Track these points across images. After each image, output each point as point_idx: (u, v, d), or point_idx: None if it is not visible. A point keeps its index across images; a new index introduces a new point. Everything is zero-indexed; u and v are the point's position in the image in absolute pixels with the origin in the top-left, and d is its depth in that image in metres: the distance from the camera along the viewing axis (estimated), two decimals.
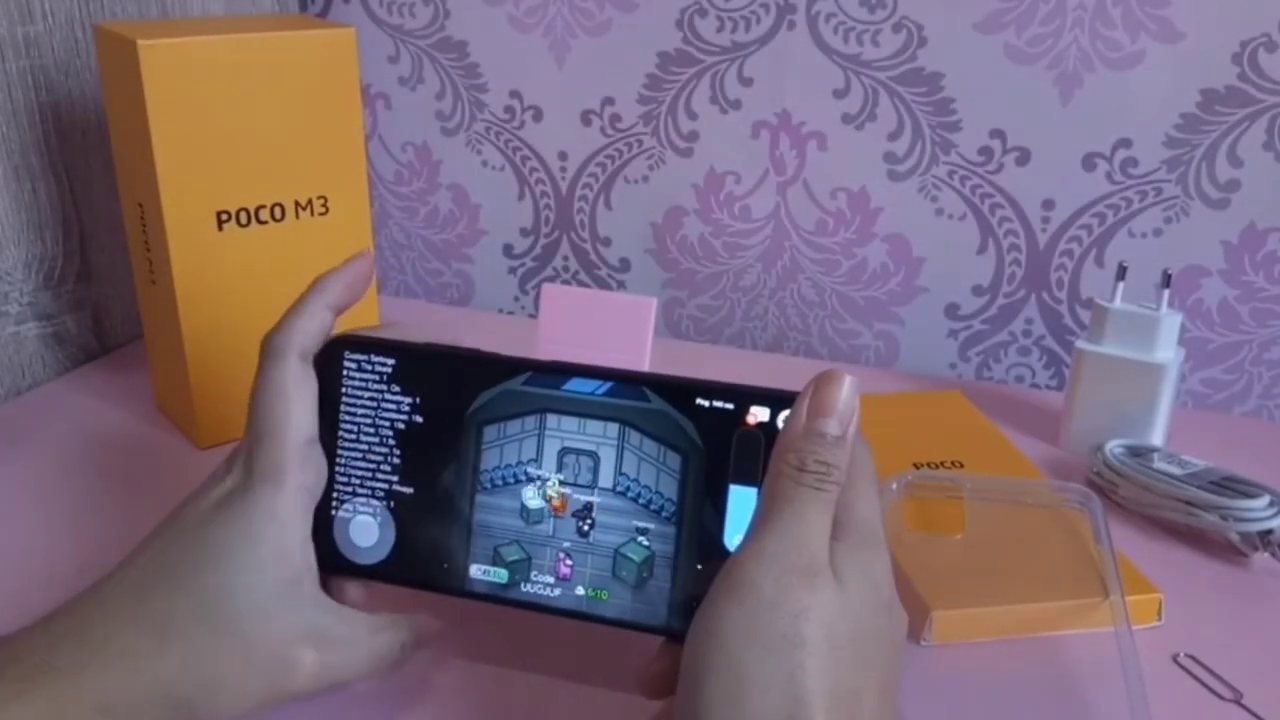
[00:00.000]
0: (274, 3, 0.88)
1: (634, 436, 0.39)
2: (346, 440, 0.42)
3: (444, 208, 0.94)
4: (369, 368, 0.42)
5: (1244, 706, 0.46)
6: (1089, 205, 0.78)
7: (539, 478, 0.40)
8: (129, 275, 0.77)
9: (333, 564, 0.42)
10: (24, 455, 0.63)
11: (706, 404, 0.39)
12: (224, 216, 0.61)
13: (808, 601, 0.33)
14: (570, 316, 0.55)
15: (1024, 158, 0.78)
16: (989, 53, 0.76)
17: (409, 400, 0.42)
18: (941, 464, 0.62)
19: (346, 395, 0.42)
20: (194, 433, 0.64)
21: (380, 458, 0.42)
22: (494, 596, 0.41)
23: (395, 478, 0.42)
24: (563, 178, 0.90)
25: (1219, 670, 0.48)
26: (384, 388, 0.42)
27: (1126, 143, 0.75)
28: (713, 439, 0.39)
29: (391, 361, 0.42)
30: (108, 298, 0.77)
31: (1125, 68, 0.74)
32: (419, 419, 0.42)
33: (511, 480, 0.41)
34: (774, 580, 0.33)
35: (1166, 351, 0.65)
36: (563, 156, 0.89)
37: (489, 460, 0.41)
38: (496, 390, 0.41)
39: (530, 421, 0.40)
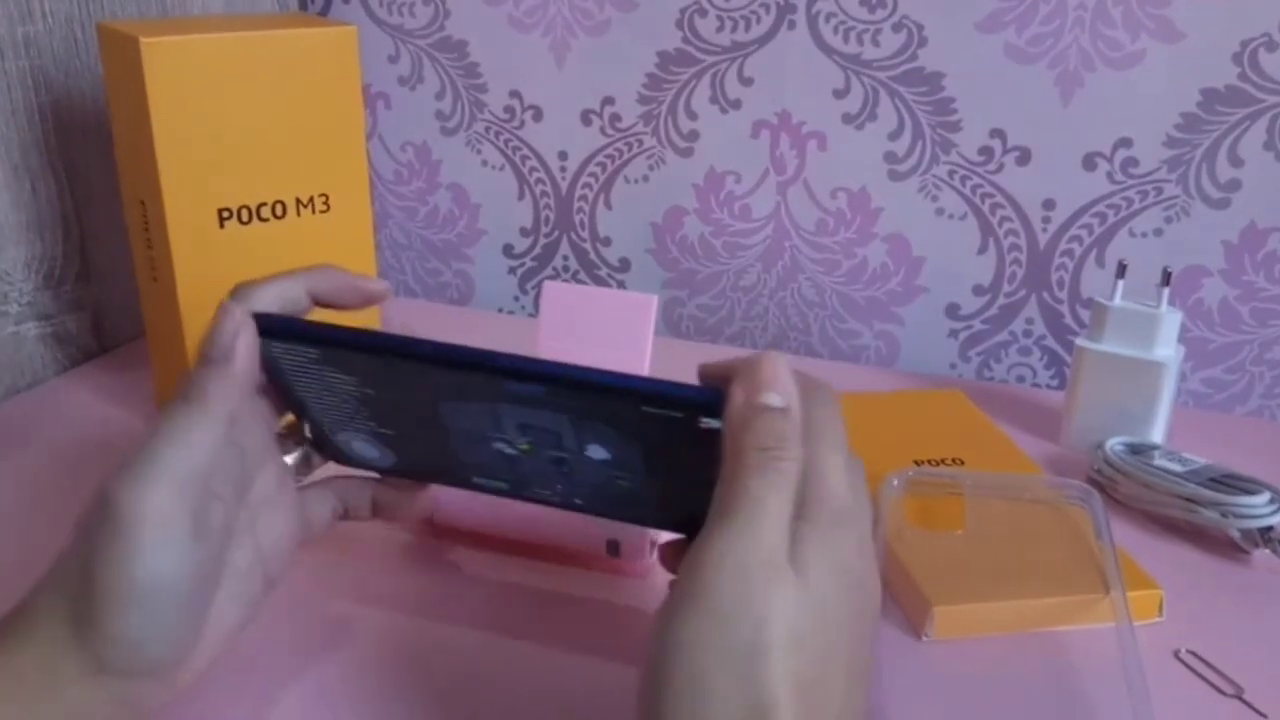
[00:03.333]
0: (274, 2, 0.88)
1: (587, 425, 0.38)
2: (314, 398, 0.42)
3: (444, 207, 0.94)
4: (296, 352, 0.40)
5: (1245, 702, 0.46)
6: (1089, 205, 0.78)
7: (507, 440, 0.40)
8: (128, 275, 0.77)
9: (353, 464, 0.46)
10: (24, 454, 0.63)
11: (652, 411, 0.36)
12: (225, 214, 0.61)
13: (769, 608, 0.31)
14: (571, 314, 0.55)
15: (1024, 157, 0.78)
16: (989, 52, 0.76)
17: (351, 379, 0.40)
18: (942, 461, 0.62)
19: (289, 372, 0.41)
20: None
21: (351, 410, 0.42)
22: (500, 493, 0.44)
23: (373, 423, 0.42)
24: (563, 177, 0.90)
25: (1220, 666, 0.48)
26: (320, 369, 0.40)
27: (1127, 142, 0.75)
28: (662, 440, 0.37)
29: (314, 351, 0.40)
30: (107, 298, 0.77)
31: (1126, 67, 0.74)
32: (369, 391, 0.40)
33: (480, 439, 0.41)
34: (733, 585, 0.32)
35: (1167, 349, 0.65)
36: (563, 156, 0.89)
37: (455, 422, 0.40)
38: (442, 376, 0.39)
39: (482, 407, 0.39)
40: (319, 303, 0.43)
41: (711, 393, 0.36)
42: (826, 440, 0.35)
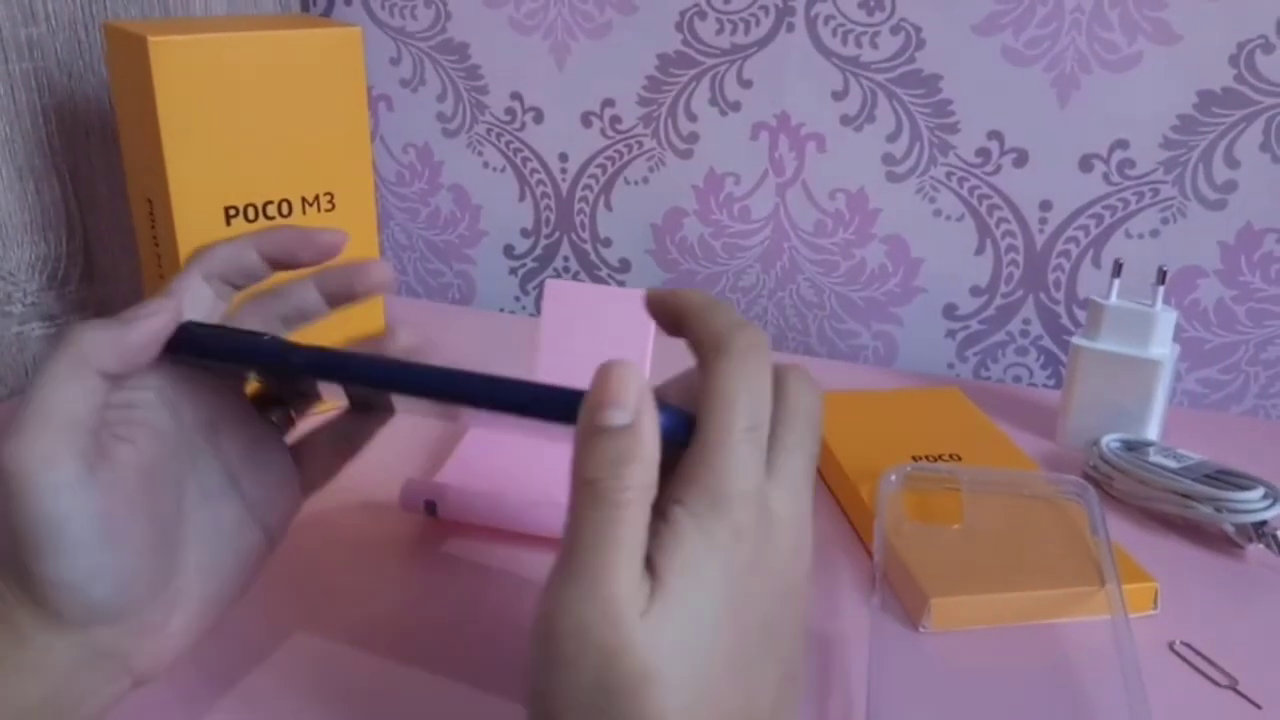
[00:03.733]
0: (276, 4, 0.89)
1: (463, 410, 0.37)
2: (258, 376, 0.42)
3: (445, 209, 0.95)
4: (207, 366, 0.39)
5: (1239, 692, 0.47)
6: (1086, 206, 0.78)
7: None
8: (132, 276, 0.78)
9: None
10: None
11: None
12: (232, 212, 0.62)
13: (618, 646, 0.28)
14: (573, 311, 0.56)
15: (1022, 159, 0.78)
16: (987, 55, 0.76)
17: (267, 378, 0.42)
18: (940, 458, 0.62)
19: (216, 364, 0.39)
20: None
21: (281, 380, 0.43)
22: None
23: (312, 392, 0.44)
24: (563, 179, 0.90)
25: (1214, 657, 0.49)
26: (237, 367, 0.40)
27: (1124, 144, 0.76)
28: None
29: (221, 365, 0.39)
30: (111, 298, 0.77)
31: (1122, 69, 0.74)
32: (291, 380, 0.42)
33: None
34: (573, 641, 0.28)
35: (1162, 347, 0.65)
36: (563, 158, 0.90)
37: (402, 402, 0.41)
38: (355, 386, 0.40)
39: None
40: (275, 264, 0.41)
41: (568, 393, 0.32)
42: (737, 411, 0.31)
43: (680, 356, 0.36)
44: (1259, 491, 0.56)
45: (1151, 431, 0.66)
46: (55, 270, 0.72)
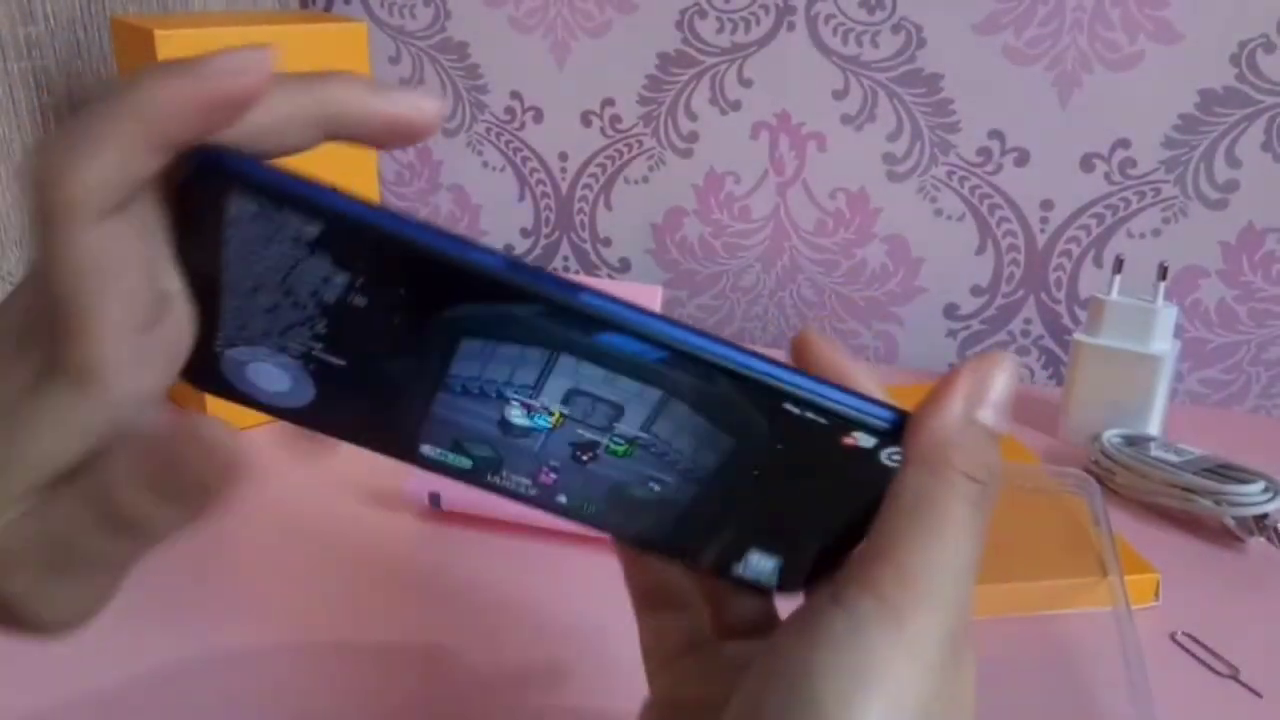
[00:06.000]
0: (274, 1, 0.89)
1: (679, 408, 0.29)
2: (238, 286, 0.27)
3: (445, 208, 0.94)
4: (275, 222, 0.26)
5: (1240, 682, 0.47)
6: (1087, 206, 0.78)
7: (534, 405, 0.29)
8: None
9: (224, 394, 0.29)
10: None
11: (795, 411, 0.29)
12: None
13: (959, 679, 0.26)
14: None
15: (1023, 158, 0.78)
16: (988, 54, 0.76)
17: (343, 277, 0.27)
18: None
19: (234, 246, 0.27)
20: None
21: (295, 320, 0.28)
22: (448, 474, 0.31)
23: (318, 344, 0.28)
24: (563, 178, 0.90)
25: (1216, 648, 0.49)
26: (302, 253, 0.26)
27: (1125, 143, 0.76)
28: (787, 444, 0.29)
29: (315, 230, 0.26)
30: None
31: (1124, 69, 0.74)
32: (359, 300, 0.27)
33: (493, 395, 0.29)
34: (946, 642, 0.25)
35: (1163, 343, 0.65)
36: (563, 157, 0.89)
37: (464, 368, 0.29)
38: (491, 309, 0.27)
39: (536, 354, 0.28)
40: (333, 135, 0.28)
41: (890, 410, 0.29)
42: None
43: None
44: (1260, 485, 0.57)
45: (1153, 427, 0.66)
46: None
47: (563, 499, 0.31)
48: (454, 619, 0.49)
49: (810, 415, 0.29)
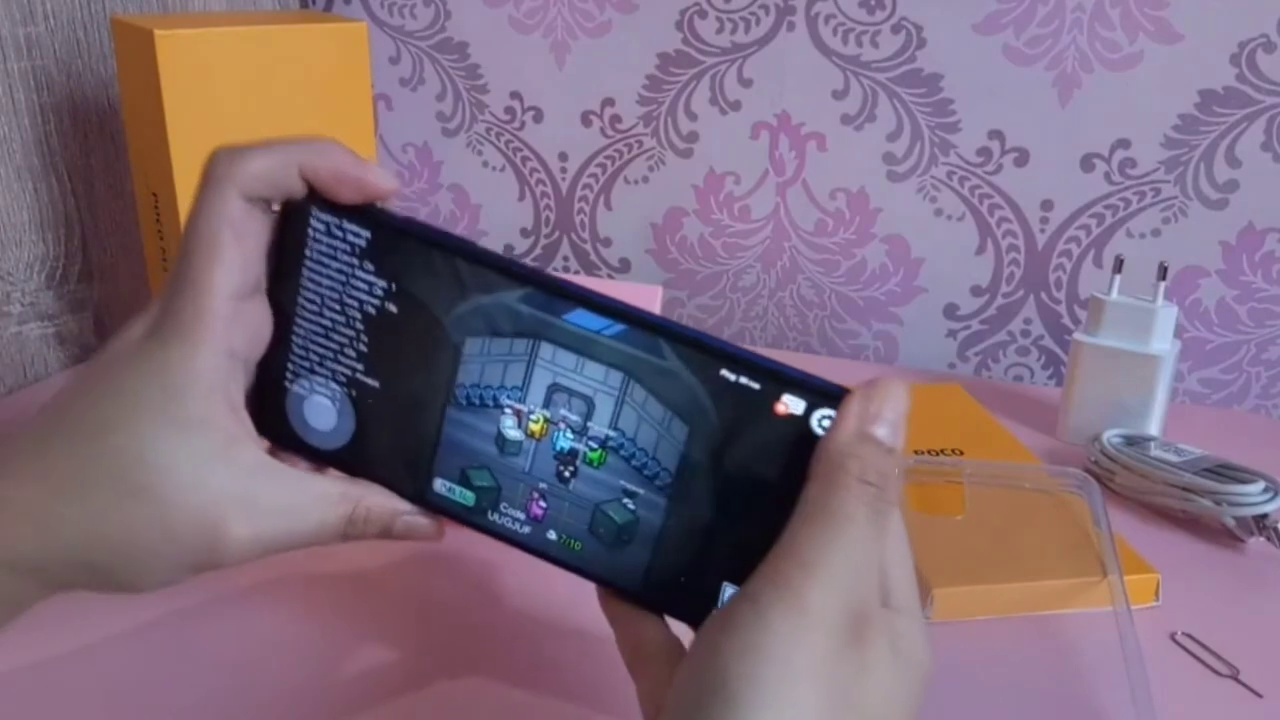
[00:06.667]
0: (275, 1, 0.89)
1: (638, 392, 0.34)
2: (308, 311, 0.36)
3: (445, 208, 0.94)
4: (339, 234, 0.35)
5: (1240, 682, 0.47)
6: (1087, 206, 0.78)
7: (522, 410, 0.35)
8: (131, 275, 0.77)
9: (282, 438, 0.37)
10: None
11: (731, 377, 0.33)
12: None
13: (861, 659, 0.29)
14: None
15: (1023, 158, 0.78)
16: (988, 54, 0.76)
17: (382, 284, 0.35)
18: (941, 452, 0.62)
19: (311, 261, 0.36)
20: None
21: (345, 340, 0.36)
22: (456, 514, 0.37)
23: (359, 366, 0.36)
24: (563, 178, 0.90)
25: (1216, 648, 0.49)
26: (354, 262, 0.35)
27: (1125, 143, 0.76)
28: (730, 418, 0.33)
29: (366, 234, 0.35)
30: (109, 297, 0.77)
31: (1124, 68, 0.74)
32: (392, 308, 0.35)
33: (491, 403, 0.35)
34: (844, 617, 0.29)
35: (1163, 343, 0.65)
36: (563, 157, 0.89)
37: (468, 374, 0.35)
38: (488, 299, 0.34)
39: (521, 345, 0.35)
40: (313, 188, 0.35)
41: (811, 381, 0.33)
42: (899, 528, 0.33)
43: None
44: (1259, 485, 0.57)
45: (1153, 427, 0.66)
46: (54, 269, 0.72)
47: (552, 534, 0.36)
48: (454, 616, 0.49)
49: (744, 380, 0.33)
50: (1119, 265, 0.66)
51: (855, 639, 0.29)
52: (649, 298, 0.54)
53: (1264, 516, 0.56)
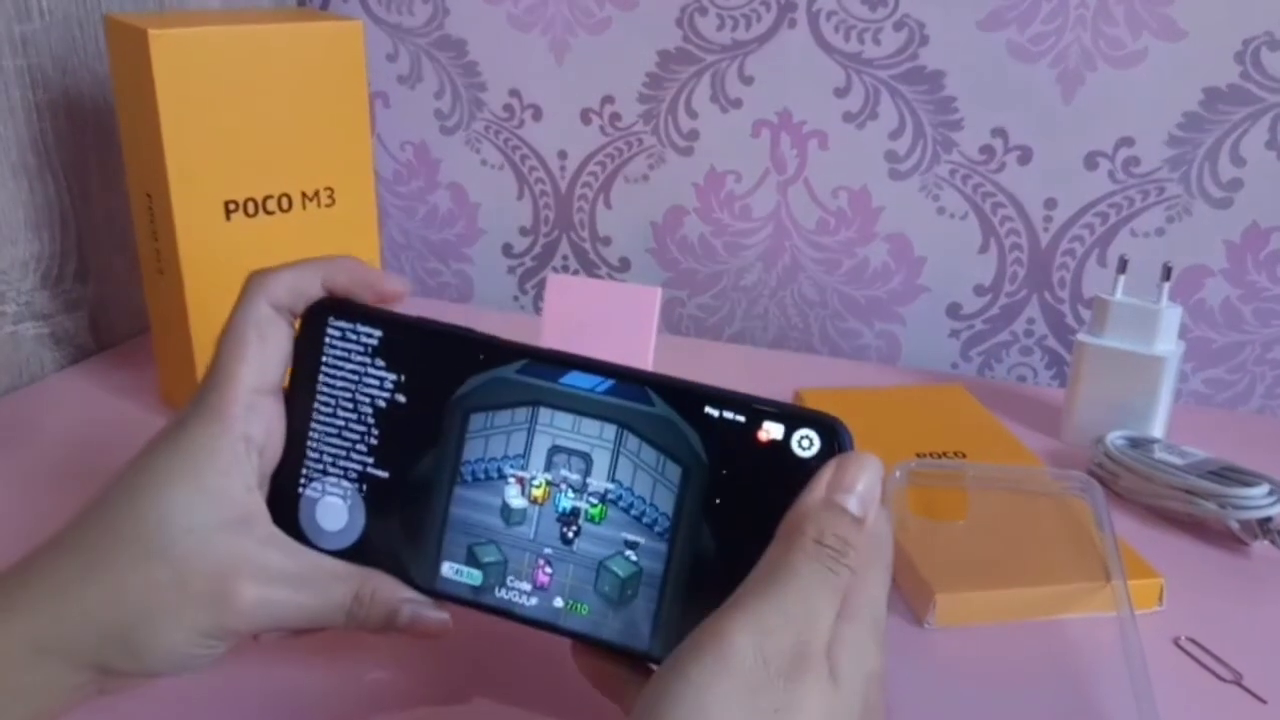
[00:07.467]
0: (272, 0, 0.88)
1: (631, 441, 0.36)
2: (322, 414, 0.40)
3: (443, 207, 0.94)
4: (353, 337, 0.39)
5: (1244, 687, 0.46)
6: (1091, 204, 0.78)
7: (524, 478, 0.38)
8: (126, 274, 0.77)
9: (295, 535, 0.40)
10: (28, 446, 0.63)
11: (715, 414, 0.36)
12: (231, 206, 0.61)
13: (790, 697, 0.30)
14: (575, 306, 0.55)
15: (1026, 157, 0.78)
16: (991, 51, 0.76)
17: (393, 377, 0.39)
18: (944, 454, 0.62)
19: (327, 364, 0.40)
20: None
21: (356, 436, 0.40)
22: (463, 599, 0.39)
23: (370, 460, 0.39)
24: (562, 177, 0.89)
25: (1219, 653, 0.48)
26: (367, 361, 0.39)
27: (1129, 141, 0.75)
28: (718, 454, 0.36)
29: (378, 334, 0.39)
30: (105, 297, 0.76)
31: (1127, 66, 0.74)
32: (401, 398, 0.39)
33: (495, 475, 0.38)
34: (762, 660, 0.30)
35: (1167, 344, 0.65)
36: (562, 155, 0.89)
37: (472, 451, 0.38)
38: (488, 376, 0.38)
39: (521, 414, 0.38)
40: (331, 298, 0.40)
41: (788, 408, 0.35)
42: (880, 554, 0.35)
43: (681, 354, 0.37)
44: (1264, 488, 0.56)
45: (1156, 428, 0.65)
46: (49, 269, 0.72)
47: (559, 601, 0.38)
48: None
49: (727, 415, 0.35)
50: (1123, 266, 0.65)
51: (787, 677, 0.30)
52: (649, 299, 0.54)
53: (1269, 520, 0.56)
